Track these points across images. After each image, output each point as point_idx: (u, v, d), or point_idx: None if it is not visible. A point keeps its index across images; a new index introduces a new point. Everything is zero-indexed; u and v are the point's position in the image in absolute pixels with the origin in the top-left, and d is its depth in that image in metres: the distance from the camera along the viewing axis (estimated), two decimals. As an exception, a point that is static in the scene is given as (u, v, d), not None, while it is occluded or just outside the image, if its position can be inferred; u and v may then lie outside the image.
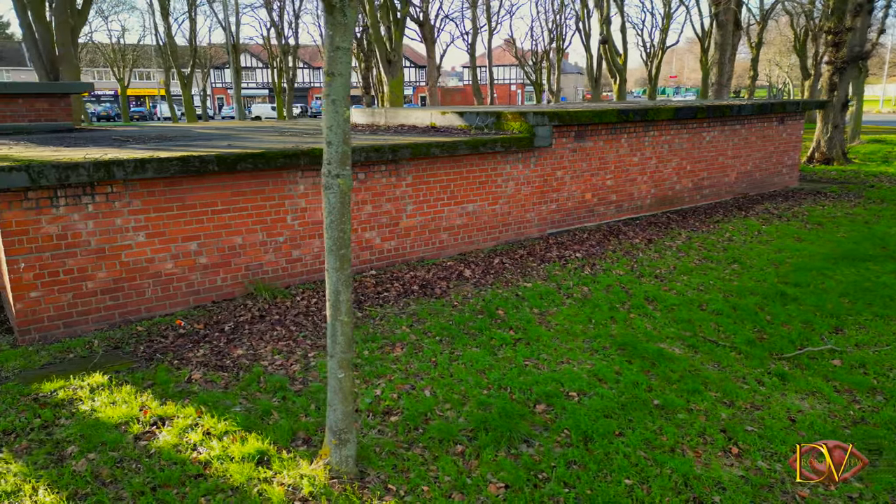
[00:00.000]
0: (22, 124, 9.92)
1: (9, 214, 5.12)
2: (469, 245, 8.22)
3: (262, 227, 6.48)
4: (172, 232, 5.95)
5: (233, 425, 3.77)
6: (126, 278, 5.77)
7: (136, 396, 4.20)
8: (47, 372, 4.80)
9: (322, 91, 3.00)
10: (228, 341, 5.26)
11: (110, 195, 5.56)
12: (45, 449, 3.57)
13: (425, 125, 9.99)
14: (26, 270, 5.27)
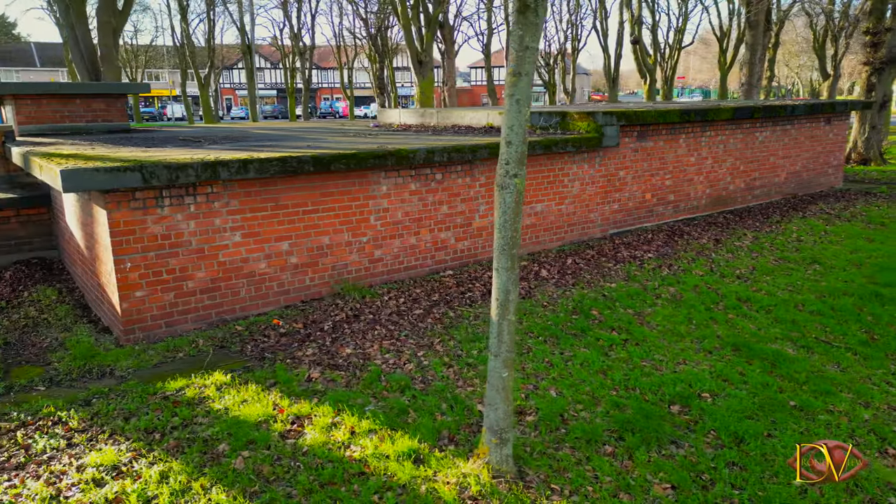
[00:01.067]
0: (79, 125, 9.99)
1: (118, 214, 5.16)
2: (536, 245, 8.22)
3: (347, 228, 6.51)
4: (266, 232, 5.98)
5: (375, 424, 3.79)
6: (223, 278, 5.81)
7: (264, 395, 4.23)
8: (163, 371, 4.85)
9: (504, 91, 3.00)
10: (333, 340, 5.29)
11: (210, 195, 5.60)
12: (197, 447, 3.60)
13: (481, 126, 9.99)
14: (132, 270, 5.32)
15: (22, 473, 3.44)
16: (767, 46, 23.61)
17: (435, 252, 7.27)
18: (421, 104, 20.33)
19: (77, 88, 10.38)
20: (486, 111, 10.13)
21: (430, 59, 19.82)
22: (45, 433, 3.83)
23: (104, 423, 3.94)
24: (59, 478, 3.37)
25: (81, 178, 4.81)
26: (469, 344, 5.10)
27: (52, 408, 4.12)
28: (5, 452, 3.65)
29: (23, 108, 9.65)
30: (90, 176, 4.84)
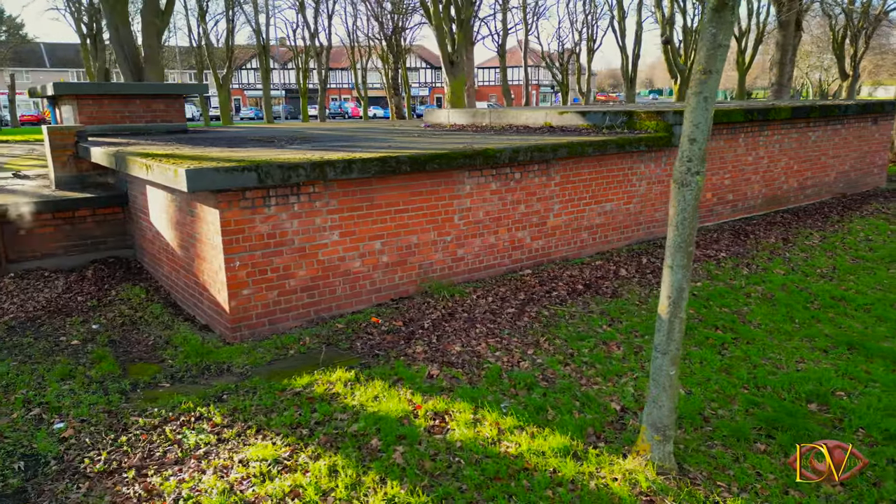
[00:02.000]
0: (139, 125, 10.07)
1: (229, 214, 5.22)
2: (605, 244, 8.25)
3: (434, 227, 6.55)
4: (361, 231, 6.03)
5: (519, 421, 3.83)
6: (321, 276, 5.86)
7: (394, 391, 4.27)
8: (280, 368, 4.90)
9: (691, 87, 3.03)
10: (438, 338, 5.33)
11: (312, 195, 5.65)
12: (351, 442, 3.65)
13: (539, 125, 10.02)
14: (240, 269, 5.37)
15: (184, 467, 3.50)
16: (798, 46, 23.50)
17: (512, 251, 7.30)
18: (452, 105, 20.35)
19: (138, 89, 10.47)
20: (543, 111, 10.16)
21: (461, 59, 19.85)
22: (192, 428, 3.89)
23: (246, 418, 3.99)
24: (225, 472, 3.42)
25: (204, 177, 4.87)
26: (577, 342, 5.13)
27: (191, 403, 4.18)
28: (159, 447, 3.71)
29: (85, 108, 9.74)
30: (212, 175, 4.90)
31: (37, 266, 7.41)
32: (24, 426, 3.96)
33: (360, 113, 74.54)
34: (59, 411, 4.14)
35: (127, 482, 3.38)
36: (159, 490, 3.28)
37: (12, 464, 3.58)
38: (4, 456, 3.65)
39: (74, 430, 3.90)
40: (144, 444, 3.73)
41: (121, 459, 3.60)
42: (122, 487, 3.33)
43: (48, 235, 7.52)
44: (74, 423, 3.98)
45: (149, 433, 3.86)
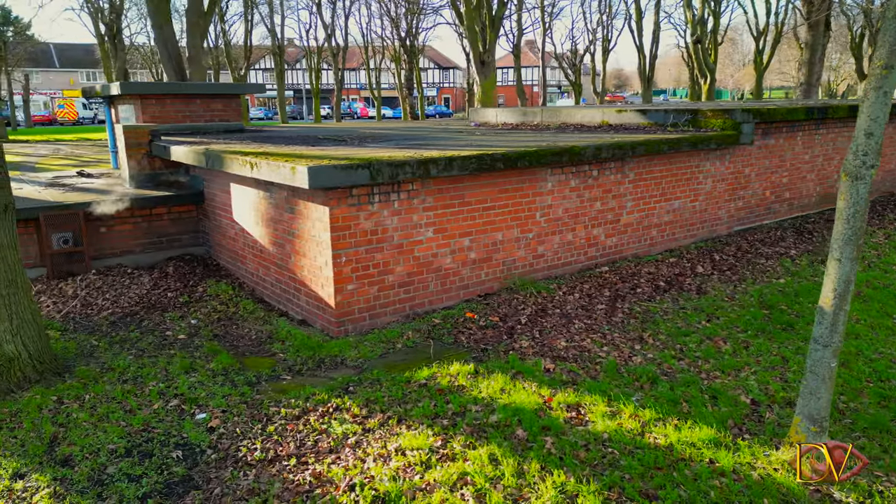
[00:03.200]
0: (198, 124, 10.18)
1: (337, 211, 5.30)
2: (672, 242, 8.29)
3: (518, 224, 6.61)
4: (452, 228, 6.11)
5: (657, 413, 3.89)
6: (416, 272, 5.94)
7: (519, 384, 4.34)
8: (393, 361, 4.98)
9: (868, 83, 3.08)
10: (540, 333, 5.40)
11: (411, 192, 5.73)
12: (498, 432, 3.72)
13: (595, 124, 10.07)
14: (346, 264, 5.45)
15: (341, 456, 3.57)
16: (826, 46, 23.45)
17: (587, 248, 7.36)
18: (482, 104, 20.43)
19: (198, 89, 10.59)
20: (600, 109, 10.21)
21: (492, 59, 19.93)
22: (334, 419, 3.97)
23: (383, 409, 4.07)
24: (385, 459, 3.50)
25: (323, 174, 4.95)
26: (681, 338, 5.19)
27: (324, 395, 4.26)
28: (308, 437, 3.79)
29: (148, 107, 9.86)
30: (330, 173, 4.99)
31: (117, 263, 7.52)
32: (167, 417, 4.05)
33: (368, 113, 74.68)
34: (196, 402, 4.23)
35: (291, 469, 3.46)
36: (328, 477, 3.36)
37: (170, 453, 3.67)
38: (159, 446, 3.74)
39: (220, 421, 3.98)
40: (293, 434, 3.82)
41: (275, 448, 3.68)
42: (288, 475, 3.41)
43: (126, 233, 7.63)
44: (217, 414, 4.07)
45: (294, 423, 3.94)
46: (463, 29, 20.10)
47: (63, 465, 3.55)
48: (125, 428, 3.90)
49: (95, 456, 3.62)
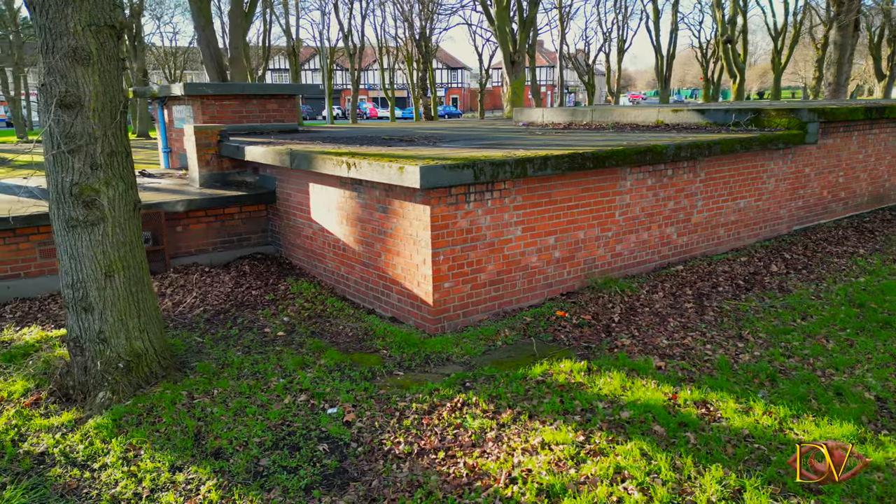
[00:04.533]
0: (255, 124, 10.28)
1: (437, 210, 5.37)
2: (737, 241, 8.32)
3: (598, 223, 6.66)
4: (539, 227, 6.16)
5: (791, 410, 3.93)
6: (505, 270, 6.00)
7: (637, 381, 4.39)
8: (498, 358, 5.03)
9: None
10: (638, 331, 5.44)
11: (503, 191, 5.79)
12: (635, 428, 3.77)
13: (649, 123, 10.11)
14: (443, 263, 5.52)
15: (486, 449, 3.63)
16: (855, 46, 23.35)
17: (661, 247, 7.40)
18: (513, 104, 20.49)
19: (256, 89, 10.69)
20: (655, 109, 10.24)
21: (522, 59, 19.99)
22: (466, 414, 4.03)
23: (510, 405, 4.12)
24: (533, 453, 3.55)
25: (433, 174, 5.02)
26: (783, 336, 5.22)
27: (448, 391, 4.33)
28: (447, 431, 3.85)
29: (208, 108, 9.97)
30: (440, 172, 5.06)
31: (192, 262, 7.62)
32: (300, 411, 4.12)
33: (377, 113, 74.78)
34: (323, 397, 4.30)
35: (441, 462, 3.52)
36: (482, 470, 3.42)
37: (316, 446, 3.74)
38: (303, 439, 3.81)
39: (355, 415, 4.05)
40: (430, 428, 3.88)
41: (417, 442, 3.74)
42: (441, 468, 3.47)
43: (200, 232, 7.72)
44: (348, 408, 4.14)
45: (427, 417, 4.00)
46: (493, 29, 20.16)
47: (215, 457, 3.62)
48: (264, 422, 3.97)
49: (245, 448, 3.69)
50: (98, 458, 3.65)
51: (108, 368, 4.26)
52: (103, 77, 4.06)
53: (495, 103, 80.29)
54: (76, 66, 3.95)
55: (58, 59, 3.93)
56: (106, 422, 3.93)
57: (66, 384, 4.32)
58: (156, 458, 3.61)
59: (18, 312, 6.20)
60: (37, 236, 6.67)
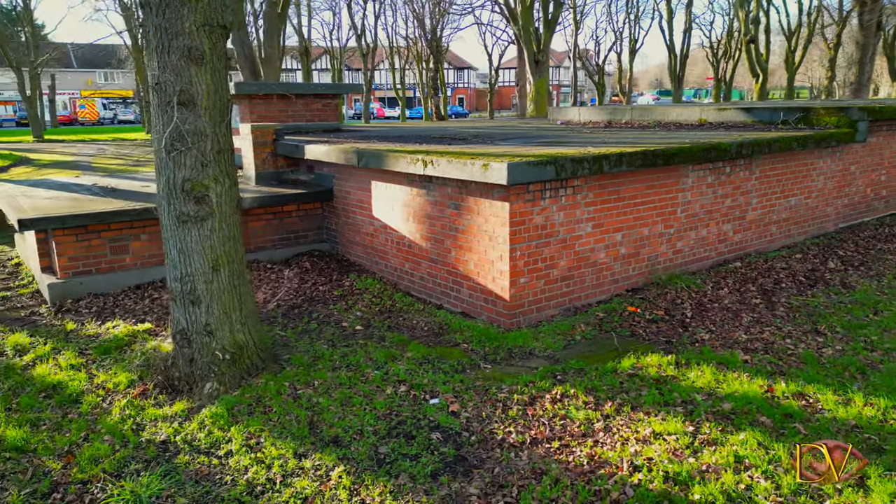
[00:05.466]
0: (300, 123, 10.37)
1: (515, 206, 5.46)
2: (787, 238, 8.38)
3: (662, 220, 6.74)
4: (608, 223, 6.25)
5: (890, 401, 4.01)
6: (576, 266, 6.09)
7: (729, 374, 4.46)
8: (581, 352, 5.12)
9: None
10: (714, 325, 5.52)
11: (576, 188, 5.88)
12: (743, 419, 3.85)
13: (692, 122, 10.17)
14: (520, 258, 5.61)
15: (598, 439, 3.72)
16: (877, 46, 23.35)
17: (717, 244, 7.47)
18: (536, 103, 20.57)
19: (302, 89, 10.77)
20: (698, 107, 10.31)
21: (546, 58, 20.06)
22: (569, 405, 4.12)
23: (608, 397, 4.21)
24: (646, 443, 3.64)
25: (519, 171, 5.12)
26: (859, 331, 5.29)
27: (544, 383, 4.42)
28: (554, 421, 3.94)
29: (256, 107, 10.06)
30: (524, 169, 5.15)
31: (253, 259, 7.73)
32: (404, 402, 4.22)
33: (384, 113, 74.94)
34: (422, 388, 4.39)
35: (557, 451, 3.61)
36: (602, 459, 3.51)
37: (429, 434, 3.83)
38: (414, 428, 3.91)
39: (459, 406, 4.15)
40: (537, 418, 3.97)
41: (528, 432, 3.83)
42: (559, 456, 3.56)
43: (259, 229, 7.83)
44: (450, 399, 4.24)
45: (531, 408, 4.09)
46: (516, 29, 20.24)
47: (335, 445, 3.72)
48: (372, 412, 4.07)
49: (362, 437, 3.79)
50: (220, 445, 3.75)
51: (214, 360, 4.37)
52: (214, 76, 4.17)
53: (501, 103, 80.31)
54: (190, 65, 4.06)
55: (173, 58, 4.04)
56: (220, 411, 4.03)
57: (172, 375, 4.43)
58: (277, 445, 3.71)
59: (94, 308, 6.32)
60: (108, 233, 6.80)
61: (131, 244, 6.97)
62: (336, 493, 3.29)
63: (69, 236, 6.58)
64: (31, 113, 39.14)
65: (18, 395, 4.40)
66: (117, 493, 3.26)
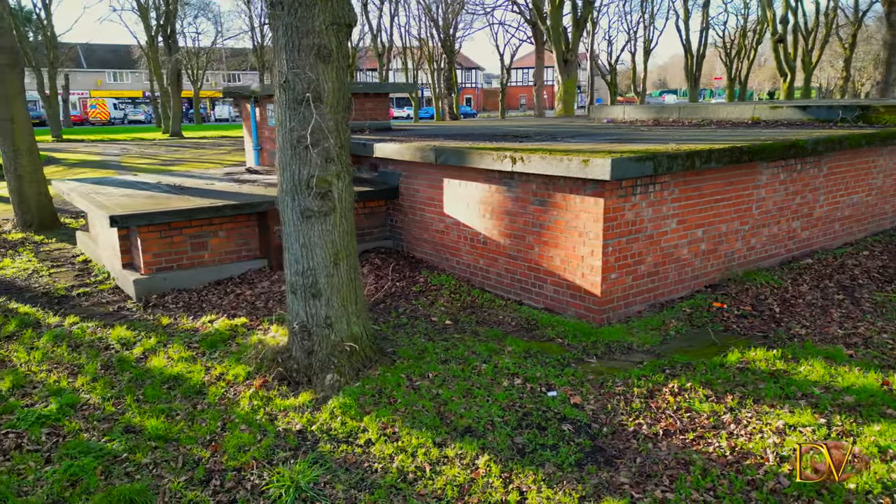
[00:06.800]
0: (353, 122, 10.46)
1: (609, 202, 5.51)
2: (849, 236, 8.40)
3: (738, 216, 6.78)
4: (690, 220, 6.29)
5: None
6: (661, 262, 6.14)
7: (840, 368, 4.50)
8: (679, 347, 5.17)
9: None
10: (807, 321, 5.56)
11: (664, 185, 5.93)
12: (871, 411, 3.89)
13: (744, 120, 10.20)
14: (611, 254, 5.66)
15: (730, 431, 3.77)
16: None
17: (787, 241, 7.51)
18: (564, 102, 20.61)
19: (356, 88, 10.86)
20: (750, 105, 10.34)
21: (575, 58, 20.10)
22: (691, 398, 4.17)
23: (726, 390, 4.26)
24: (780, 435, 3.68)
25: (621, 167, 5.17)
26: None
27: (659, 377, 4.47)
28: (680, 414, 3.99)
29: (311, 106, 10.17)
30: (626, 165, 5.21)
31: (322, 255, 7.80)
32: (523, 394, 4.28)
33: (394, 113, 75.11)
34: (537, 381, 4.45)
35: (695, 442, 3.67)
36: (744, 449, 3.56)
37: (559, 426, 3.89)
38: (542, 420, 3.97)
39: (581, 398, 4.20)
40: (663, 411, 4.02)
41: (657, 424, 3.89)
42: (697, 447, 3.62)
43: (327, 226, 7.90)
44: (569, 391, 4.29)
45: (653, 401, 4.15)
46: (544, 28, 20.28)
47: (470, 435, 3.79)
48: (495, 403, 4.13)
49: (493, 427, 3.86)
50: (357, 434, 3.82)
51: (333, 352, 4.45)
52: (339, 74, 4.25)
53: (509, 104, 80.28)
54: (318, 63, 4.13)
55: (302, 56, 4.11)
56: (349, 402, 4.10)
57: (290, 367, 4.51)
58: (414, 434, 3.78)
59: (180, 303, 6.41)
60: (189, 230, 6.89)
61: (210, 241, 7.06)
62: (489, 481, 3.36)
63: (153, 233, 6.67)
64: (50, 113, 39.39)
65: (140, 386, 4.49)
66: (276, 480, 3.33)
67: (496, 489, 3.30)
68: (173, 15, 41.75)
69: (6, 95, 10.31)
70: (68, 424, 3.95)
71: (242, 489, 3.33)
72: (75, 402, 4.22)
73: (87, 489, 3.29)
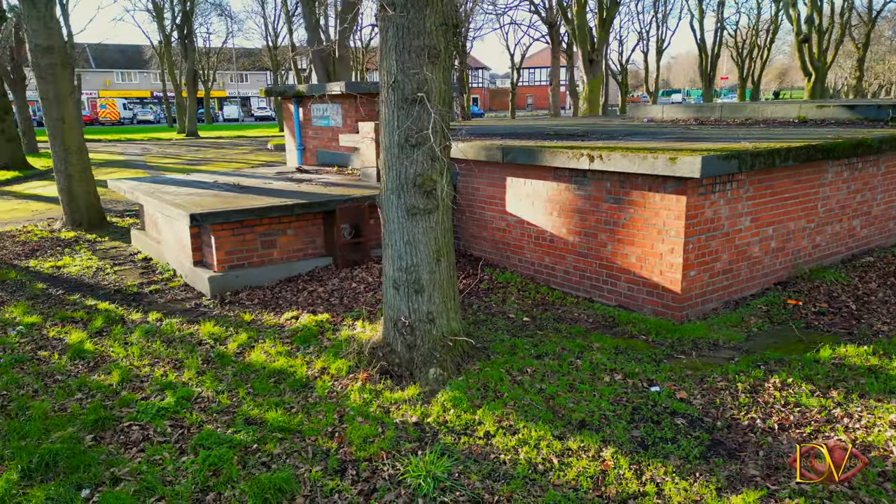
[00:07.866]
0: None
1: (691, 200, 5.56)
2: (890, 239, 8.40)
3: (805, 214, 6.82)
4: (762, 217, 6.34)
5: None
6: (735, 260, 6.19)
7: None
8: (766, 343, 5.22)
9: None
10: (887, 317, 5.60)
11: (739, 182, 5.98)
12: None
13: (789, 119, 10.23)
14: (691, 252, 5.71)
15: (850, 425, 3.82)
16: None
17: (848, 239, 7.54)
18: (590, 102, 20.65)
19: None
20: (796, 104, 10.37)
21: (600, 58, 20.14)
22: (798, 393, 4.22)
23: (828, 385, 4.30)
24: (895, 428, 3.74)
25: (710, 164, 5.23)
26: None
27: (758, 372, 4.51)
28: (790, 408, 4.04)
29: (364, 106, 10.25)
30: (714, 163, 5.27)
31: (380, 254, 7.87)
32: (626, 389, 4.34)
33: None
34: (636, 376, 4.51)
35: (813, 435, 3.72)
36: (866, 442, 3.61)
37: (672, 420, 3.94)
38: (653, 414, 4.02)
39: (686, 394, 4.26)
40: (770, 405, 4.07)
41: (769, 417, 3.94)
42: (819, 440, 3.67)
43: (386, 224, 7.98)
44: (672, 387, 4.35)
45: (758, 396, 4.20)
46: (569, 28, 20.32)
47: (587, 428, 3.85)
48: (601, 398, 4.19)
49: (606, 421, 3.92)
50: (475, 427, 3.89)
51: (435, 346, 4.52)
52: (444, 74, 4.32)
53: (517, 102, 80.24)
54: (427, 63, 4.20)
55: (412, 56, 4.18)
56: (459, 395, 4.17)
57: (392, 361, 4.58)
58: (531, 427, 3.84)
59: (255, 299, 6.49)
60: (260, 227, 6.98)
61: (279, 239, 7.14)
62: (621, 473, 3.42)
63: (227, 231, 6.77)
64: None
65: (247, 381, 4.57)
66: (411, 470, 3.40)
67: (629, 480, 3.36)
68: (191, 14, 41.92)
69: (58, 95, 10.46)
70: (189, 417, 4.04)
71: (379, 479, 3.40)
72: (190, 395, 4.30)
73: (230, 478, 3.37)
